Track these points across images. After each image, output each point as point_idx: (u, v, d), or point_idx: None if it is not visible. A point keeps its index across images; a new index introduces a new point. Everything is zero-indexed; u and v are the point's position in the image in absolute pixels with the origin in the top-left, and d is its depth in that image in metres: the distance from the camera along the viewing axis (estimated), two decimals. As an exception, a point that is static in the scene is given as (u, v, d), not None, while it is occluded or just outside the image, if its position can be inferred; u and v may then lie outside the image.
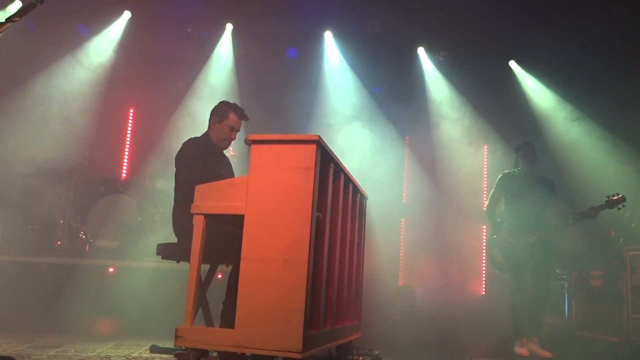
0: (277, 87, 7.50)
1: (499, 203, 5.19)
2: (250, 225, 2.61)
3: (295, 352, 2.43)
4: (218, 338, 2.60)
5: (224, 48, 7.65)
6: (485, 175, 7.64)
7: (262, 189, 2.63)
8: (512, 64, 7.72)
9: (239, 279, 2.57)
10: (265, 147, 2.67)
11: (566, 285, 6.16)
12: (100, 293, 5.29)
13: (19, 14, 2.37)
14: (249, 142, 2.69)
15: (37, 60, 6.95)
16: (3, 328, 4.63)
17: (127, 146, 7.80)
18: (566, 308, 6.11)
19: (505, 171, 5.22)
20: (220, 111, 3.85)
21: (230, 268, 3.39)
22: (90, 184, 6.73)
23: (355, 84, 7.69)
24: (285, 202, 2.58)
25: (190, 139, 3.85)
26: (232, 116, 3.83)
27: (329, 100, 7.62)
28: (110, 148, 7.44)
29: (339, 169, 3.10)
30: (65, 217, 6.45)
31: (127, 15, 7.33)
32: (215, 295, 3.69)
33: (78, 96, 7.08)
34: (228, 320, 3.15)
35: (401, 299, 6.40)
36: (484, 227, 7.33)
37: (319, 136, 2.63)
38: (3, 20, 2.30)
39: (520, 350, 4.77)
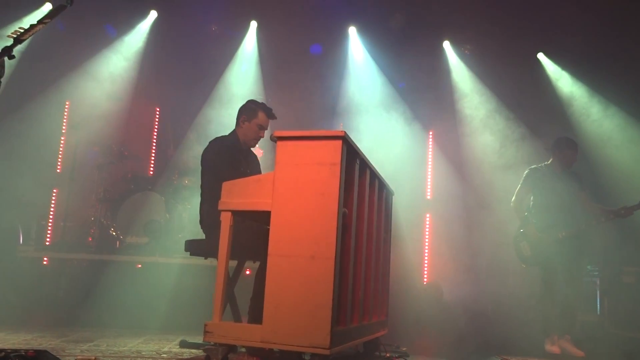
0: (301, 84, 7.50)
1: (526, 198, 5.10)
2: (277, 222, 2.62)
3: (323, 348, 2.43)
4: (246, 333, 2.62)
5: (249, 45, 7.69)
6: (515, 170, 7.52)
7: (288, 185, 2.63)
8: (541, 56, 7.56)
9: (266, 275, 2.58)
10: (291, 143, 2.67)
11: (598, 282, 6.02)
12: (131, 289, 5.38)
13: (50, 15, 2.42)
14: (275, 139, 2.70)
15: (67, 61, 7.11)
16: (38, 323, 4.76)
17: (154, 144, 7.94)
18: (598, 305, 5.98)
19: (532, 166, 5.13)
20: (249, 110, 3.88)
21: (257, 264, 3.41)
22: (120, 181, 6.85)
23: (380, 79, 7.65)
24: (312, 198, 2.58)
25: (217, 137, 3.89)
26: (261, 115, 3.86)
27: (354, 95, 7.59)
28: (138, 146, 7.57)
29: (365, 165, 3.08)
30: (96, 214, 6.58)
31: (153, 15, 7.42)
32: (243, 291, 3.72)
33: (106, 95, 7.21)
34: (255, 316, 3.18)
35: (428, 296, 6.36)
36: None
37: (345, 132, 2.62)
38: (35, 22, 2.34)
39: (551, 348, 4.68)
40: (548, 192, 4.90)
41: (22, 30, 2.29)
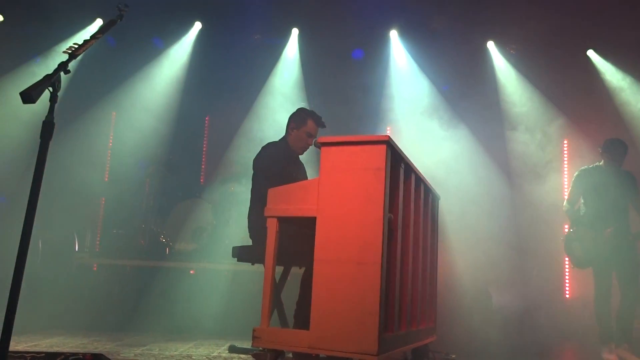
0: (344, 89, 7.49)
1: (578, 200, 4.97)
2: (323, 227, 2.63)
3: (371, 355, 2.41)
4: (294, 339, 2.63)
5: (291, 52, 7.76)
6: (566, 171, 7.29)
7: (333, 191, 2.64)
8: (591, 53, 7.29)
9: (313, 281, 2.59)
10: (335, 149, 2.68)
11: (659, 287, 5.73)
12: (181, 294, 5.50)
13: (101, 30, 2.52)
14: (319, 145, 2.71)
15: (118, 74, 7.37)
16: (94, 328, 4.93)
17: (204, 152, 8.12)
18: (659, 311, 5.68)
19: (582, 167, 4.99)
20: (299, 118, 3.92)
21: (302, 270, 3.43)
22: (169, 189, 7.03)
23: (424, 82, 7.56)
24: (357, 203, 2.58)
25: (269, 143, 3.94)
26: (310, 123, 3.89)
27: (397, 99, 7.53)
28: (188, 154, 7.77)
29: (410, 169, 3.05)
30: (146, 221, 6.77)
31: (197, 26, 7.60)
32: (289, 297, 3.74)
33: (156, 105, 7.43)
34: (301, 321, 3.19)
35: (478, 302, 6.21)
36: (566, 225, 6.99)
37: (389, 136, 2.61)
38: (88, 38, 2.44)
39: (609, 356, 4.50)
40: (599, 194, 4.76)
41: (76, 46, 2.39)
